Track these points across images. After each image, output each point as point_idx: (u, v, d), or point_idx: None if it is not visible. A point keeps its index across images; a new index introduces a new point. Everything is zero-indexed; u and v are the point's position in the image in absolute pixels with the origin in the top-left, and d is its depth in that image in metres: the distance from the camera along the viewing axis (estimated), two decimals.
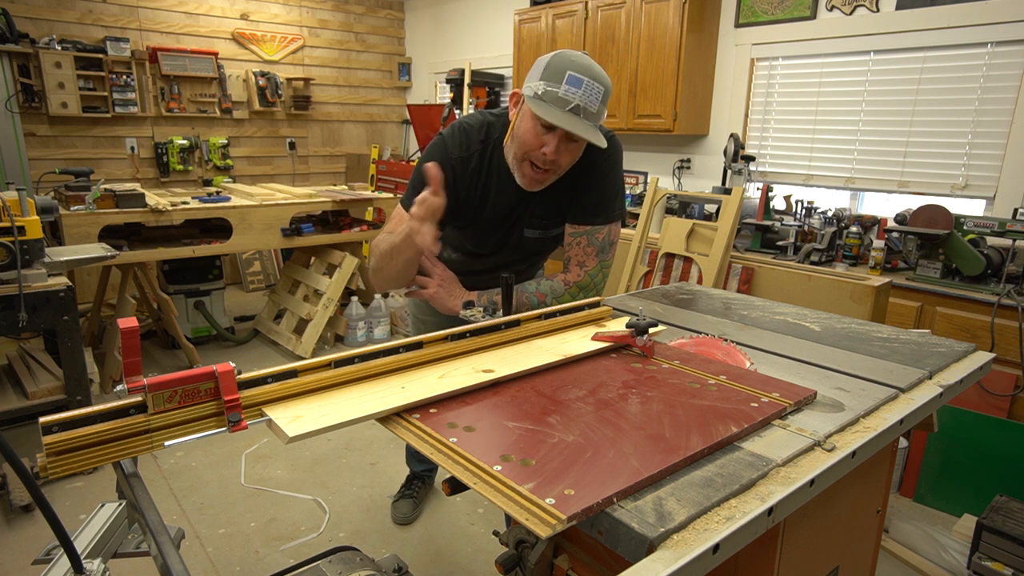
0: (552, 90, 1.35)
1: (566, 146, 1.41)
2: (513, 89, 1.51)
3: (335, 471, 2.75)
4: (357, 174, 6.26)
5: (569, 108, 1.35)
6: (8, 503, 2.36)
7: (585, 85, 1.35)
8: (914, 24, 3.21)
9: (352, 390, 0.99)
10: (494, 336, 1.21)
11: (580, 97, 1.35)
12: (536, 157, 1.43)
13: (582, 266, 1.61)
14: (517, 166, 1.48)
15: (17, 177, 4.51)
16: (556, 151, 1.40)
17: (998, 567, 2.02)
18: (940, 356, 1.27)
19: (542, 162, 1.43)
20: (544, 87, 1.36)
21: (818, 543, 1.03)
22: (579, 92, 1.34)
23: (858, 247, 3.20)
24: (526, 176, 1.48)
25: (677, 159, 4.43)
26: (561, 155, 1.42)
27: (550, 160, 1.42)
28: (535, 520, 0.69)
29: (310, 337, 3.97)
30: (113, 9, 5.06)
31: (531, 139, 1.41)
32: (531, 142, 1.42)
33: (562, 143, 1.40)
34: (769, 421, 0.94)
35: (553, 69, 1.37)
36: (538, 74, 1.39)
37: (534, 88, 1.38)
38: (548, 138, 1.40)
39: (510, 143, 1.49)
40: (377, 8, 6.58)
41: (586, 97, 1.35)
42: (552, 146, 1.40)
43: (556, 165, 1.45)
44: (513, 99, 1.49)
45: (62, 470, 0.77)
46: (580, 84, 1.35)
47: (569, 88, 1.34)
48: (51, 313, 2.38)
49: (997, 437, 2.41)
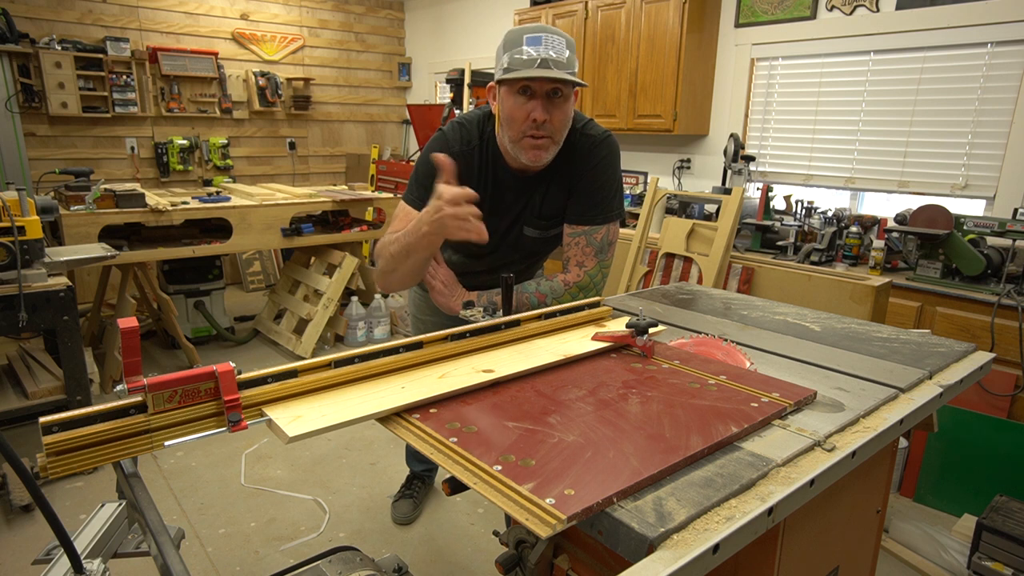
0: (516, 56, 1.38)
1: (552, 104, 1.42)
2: None
3: (335, 471, 2.75)
4: (357, 174, 6.26)
5: (538, 64, 1.36)
6: (8, 503, 2.36)
7: (544, 39, 1.37)
8: (914, 24, 3.21)
9: (352, 390, 0.99)
10: (494, 336, 1.21)
11: (543, 51, 1.37)
12: (528, 127, 1.43)
13: (581, 266, 1.61)
14: (517, 147, 1.48)
15: (17, 177, 4.51)
16: (543, 111, 1.41)
17: (998, 567, 2.02)
18: (940, 356, 1.27)
19: (536, 128, 1.43)
20: (508, 59, 1.39)
21: (818, 543, 1.03)
22: (540, 47, 1.37)
23: (858, 247, 3.20)
24: (528, 150, 1.47)
25: (677, 159, 4.43)
26: (552, 114, 1.42)
27: (541, 122, 1.42)
28: (535, 520, 0.69)
29: (310, 337, 3.97)
30: (113, 9, 5.06)
31: (517, 112, 1.42)
32: (518, 115, 1.42)
33: (547, 102, 1.41)
34: (769, 421, 0.94)
35: (509, 41, 1.40)
36: (500, 56, 1.43)
37: (500, 67, 1.41)
38: (531, 104, 1.41)
39: (502, 132, 1.50)
40: (377, 8, 6.58)
41: (549, 49, 1.37)
42: (539, 109, 1.41)
43: (551, 128, 1.44)
44: (490, 93, 1.51)
45: (62, 470, 0.77)
46: (539, 40, 1.37)
47: (530, 48, 1.37)
48: (51, 313, 2.38)
49: (997, 437, 2.41)
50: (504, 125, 1.47)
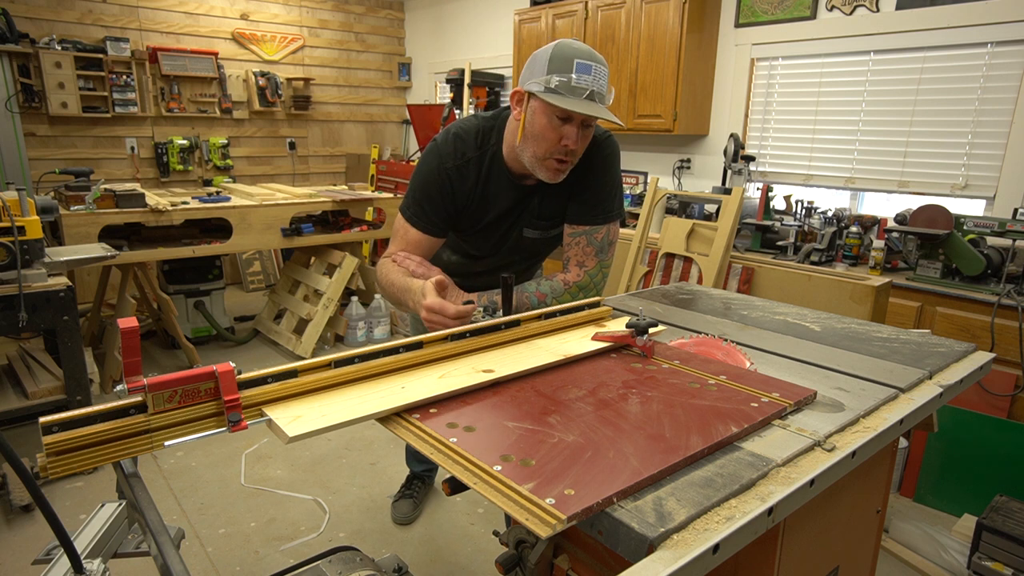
0: (564, 80, 1.36)
1: (583, 133, 1.43)
2: (514, 89, 1.49)
3: (335, 471, 2.75)
4: (357, 174, 6.26)
5: (585, 96, 1.36)
6: (8, 503, 2.36)
7: (594, 70, 1.37)
8: (914, 24, 3.21)
9: (352, 390, 0.99)
10: (494, 336, 1.21)
11: (592, 83, 1.36)
12: (559, 151, 1.43)
13: (581, 266, 1.61)
14: (539, 164, 1.47)
15: (17, 177, 4.51)
16: (577, 140, 1.42)
17: (998, 567, 2.02)
18: (940, 356, 1.27)
19: (564, 154, 1.44)
20: (556, 79, 1.36)
21: (818, 543, 1.03)
22: (590, 79, 1.36)
23: (858, 247, 3.20)
24: (550, 171, 1.48)
25: (677, 159, 4.43)
26: (580, 143, 1.44)
27: (571, 151, 1.43)
28: (535, 520, 0.69)
29: (310, 337, 3.97)
30: (113, 9, 5.06)
31: (550, 134, 1.42)
32: (551, 136, 1.42)
33: (579, 131, 1.42)
34: (769, 421, 0.94)
35: (559, 60, 1.37)
36: (542, 67, 1.38)
37: (543, 82, 1.37)
38: (567, 129, 1.41)
39: (524, 143, 1.47)
40: (377, 8, 6.58)
41: (596, 82, 1.37)
42: (573, 136, 1.41)
43: (575, 155, 1.46)
44: (515, 97, 1.47)
45: (62, 470, 0.77)
46: (590, 71, 1.36)
47: (581, 76, 1.35)
48: (51, 313, 2.38)
49: (997, 437, 2.41)
50: (530, 139, 1.45)
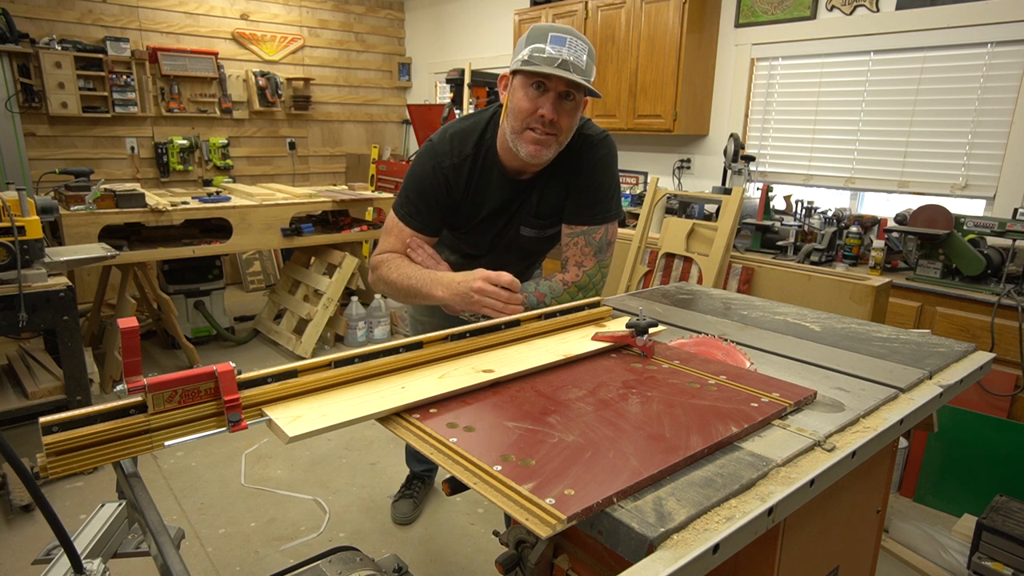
0: (538, 52, 1.37)
1: (562, 105, 1.42)
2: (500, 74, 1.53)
3: (335, 471, 2.75)
4: (357, 174, 6.25)
5: (558, 64, 1.36)
6: (8, 503, 2.36)
7: (568, 42, 1.37)
8: (914, 24, 3.21)
9: (352, 390, 0.99)
10: (494, 336, 1.21)
11: (566, 53, 1.37)
12: (534, 121, 1.43)
13: (580, 266, 1.61)
14: (518, 139, 1.47)
15: (17, 177, 4.51)
16: (553, 110, 1.41)
17: (998, 567, 2.02)
18: (940, 356, 1.27)
19: (541, 124, 1.43)
20: (529, 52, 1.38)
21: (818, 543, 1.02)
22: (564, 48, 1.37)
23: (858, 247, 3.20)
24: (528, 144, 1.46)
25: (677, 159, 4.43)
26: (560, 116, 1.43)
27: (548, 120, 1.42)
28: (535, 520, 0.69)
29: (310, 337, 3.97)
30: (113, 9, 5.06)
31: (526, 104, 1.42)
32: (526, 107, 1.42)
33: (557, 102, 1.41)
34: (769, 421, 0.94)
35: (534, 36, 1.40)
36: (521, 46, 1.42)
37: (520, 57, 1.40)
38: (542, 100, 1.41)
39: (506, 122, 1.49)
40: (377, 8, 6.58)
41: (572, 52, 1.37)
42: (548, 106, 1.41)
43: (556, 128, 1.44)
44: (502, 83, 1.50)
45: (62, 470, 0.77)
46: (564, 42, 1.37)
47: (554, 46, 1.36)
48: (51, 313, 2.38)
49: (997, 437, 2.41)
50: (510, 115, 1.47)
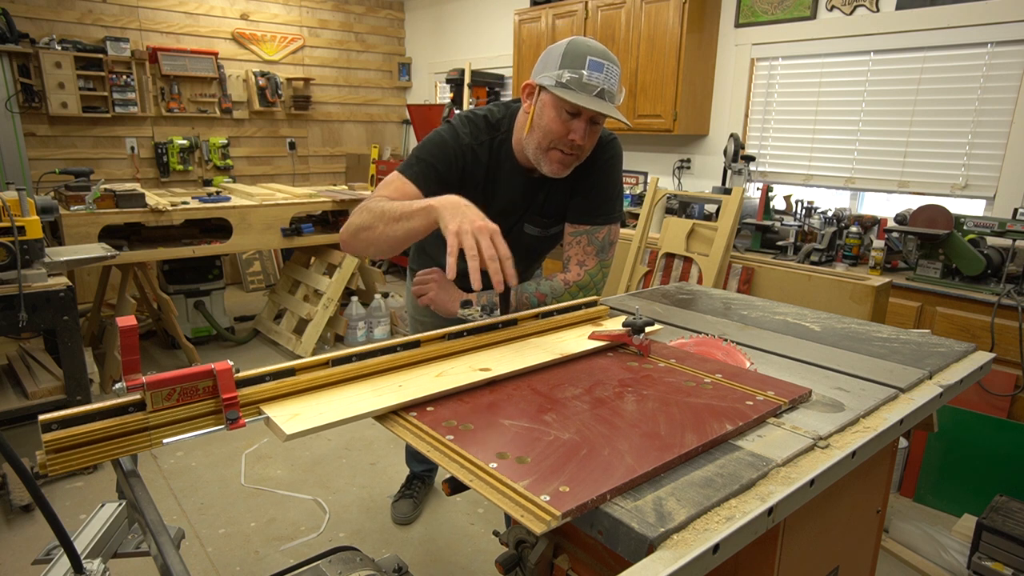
0: (576, 76, 1.37)
1: (590, 129, 1.44)
2: (525, 82, 1.50)
3: (335, 471, 2.75)
4: (357, 174, 6.26)
5: (596, 93, 1.37)
6: (8, 503, 2.36)
7: (606, 68, 1.38)
8: (914, 24, 3.21)
9: (350, 388, 0.99)
10: (491, 335, 1.21)
11: (603, 81, 1.37)
12: (564, 144, 1.44)
13: (582, 265, 1.61)
14: (542, 155, 1.48)
15: (17, 177, 4.51)
16: (584, 136, 1.43)
17: (998, 567, 2.02)
18: (940, 356, 1.27)
19: (569, 148, 1.45)
20: (568, 74, 1.38)
21: (818, 543, 1.02)
22: (601, 76, 1.37)
23: (858, 247, 3.20)
24: (554, 163, 1.48)
25: (677, 159, 4.43)
26: (588, 140, 1.45)
27: (577, 145, 1.44)
28: (530, 517, 0.69)
29: (310, 337, 3.97)
30: (113, 9, 5.06)
31: (557, 127, 1.43)
32: (557, 129, 1.43)
33: (587, 126, 1.43)
34: (764, 419, 0.94)
35: (572, 56, 1.39)
36: (555, 62, 1.40)
37: (555, 76, 1.39)
38: (575, 124, 1.42)
39: (530, 135, 1.49)
40: (377, 8, 6.58)
41: (608, 80, 1.38)
42: (580, 131, 1.42)
43: (582, 149, 1.47)
44: (527, 90, 1.49)
45: (61, 467, 0.77)
46: (602, 68, 1.37)
47: (592, 73, 1.37)
48: (51, 313, 2.38)
49: (997, 437, 2.41)
50: (536, 131, 1.47)
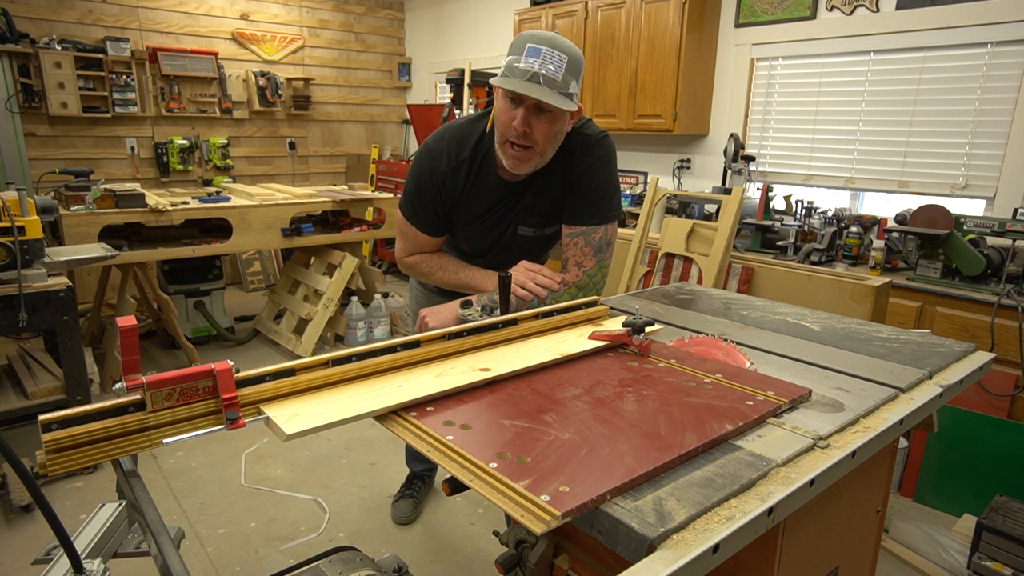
0: (514, 64, 1.38)
1: (536, 118, 1.42)
2: None
3: (335, 471, 2.75)
4: (357, 174, 6.26)
5: (528, 77, 1.36)
6: (8, 503, 2.36)
7: (544, 53, 1.36)
8: (914, 24, 3.21)
9: (350, 388, 0.99)
10: (491, 335, 1.21)
11: (539, 65, 1.36)
12: (511, 134, 1.44)
13: (580, 266, 1.61)
14: (501, 151, 1.49)
15: (17, 177, 4.51)
16: (524, 123, 1.41)
17: (998, 567, 2.02)
18: (940, 356, 1.27)
19: (516, 137, 1.44)
20: (506, 63, 1.39)
21: (818, 543, 1.02)
22: (537, 60, 1.36)
23: (858, 247, 3.20)
24: (508, 157, 1.48)
25: (677, 159, 4.43)
26: (533, 128, 1.42)
27: (522, 133, 1.42)
28: (530, 516, 0.69)
29: (310, 337, 3.97)
30: (113, 9, 5.06)
31: (503, 117, 1.44)
32: (504, 120, 1.44)
33: (531, 115, 1.41)
34: (764, 419, 0.94)
35: (515, 45, 1.40)
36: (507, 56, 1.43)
37: (502, 67, 1.41)
38: (516, 112, 1.42)
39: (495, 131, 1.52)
40: (377, 8, 6.58)
41: (545, 64, 1.36)
42: (520, 118, 1.41)
43: (532, 140, 1.44)
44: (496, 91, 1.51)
45: (61, 467, 0.77)
46: (538, 53, 1.36)
47: (528, 58, 1.36)
48: (51, 313, 2.38)
49: (997, 437, 2.41)
50: (496, 128, 1.50)
